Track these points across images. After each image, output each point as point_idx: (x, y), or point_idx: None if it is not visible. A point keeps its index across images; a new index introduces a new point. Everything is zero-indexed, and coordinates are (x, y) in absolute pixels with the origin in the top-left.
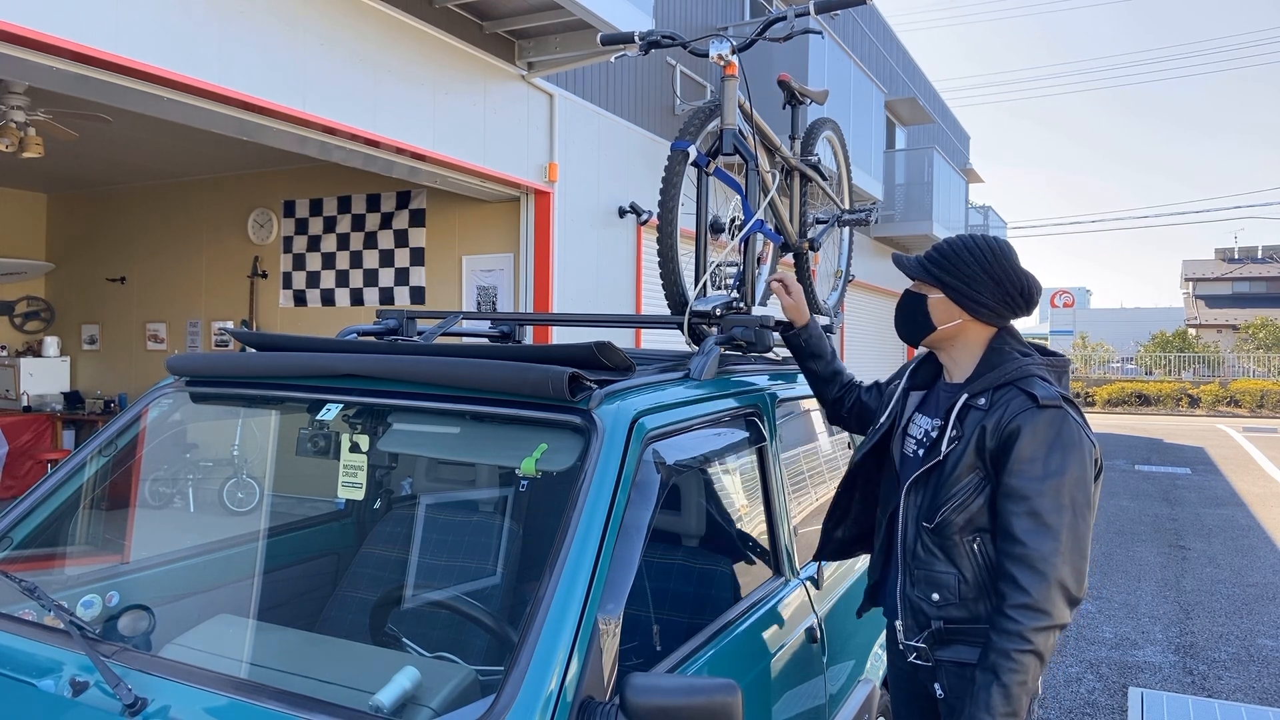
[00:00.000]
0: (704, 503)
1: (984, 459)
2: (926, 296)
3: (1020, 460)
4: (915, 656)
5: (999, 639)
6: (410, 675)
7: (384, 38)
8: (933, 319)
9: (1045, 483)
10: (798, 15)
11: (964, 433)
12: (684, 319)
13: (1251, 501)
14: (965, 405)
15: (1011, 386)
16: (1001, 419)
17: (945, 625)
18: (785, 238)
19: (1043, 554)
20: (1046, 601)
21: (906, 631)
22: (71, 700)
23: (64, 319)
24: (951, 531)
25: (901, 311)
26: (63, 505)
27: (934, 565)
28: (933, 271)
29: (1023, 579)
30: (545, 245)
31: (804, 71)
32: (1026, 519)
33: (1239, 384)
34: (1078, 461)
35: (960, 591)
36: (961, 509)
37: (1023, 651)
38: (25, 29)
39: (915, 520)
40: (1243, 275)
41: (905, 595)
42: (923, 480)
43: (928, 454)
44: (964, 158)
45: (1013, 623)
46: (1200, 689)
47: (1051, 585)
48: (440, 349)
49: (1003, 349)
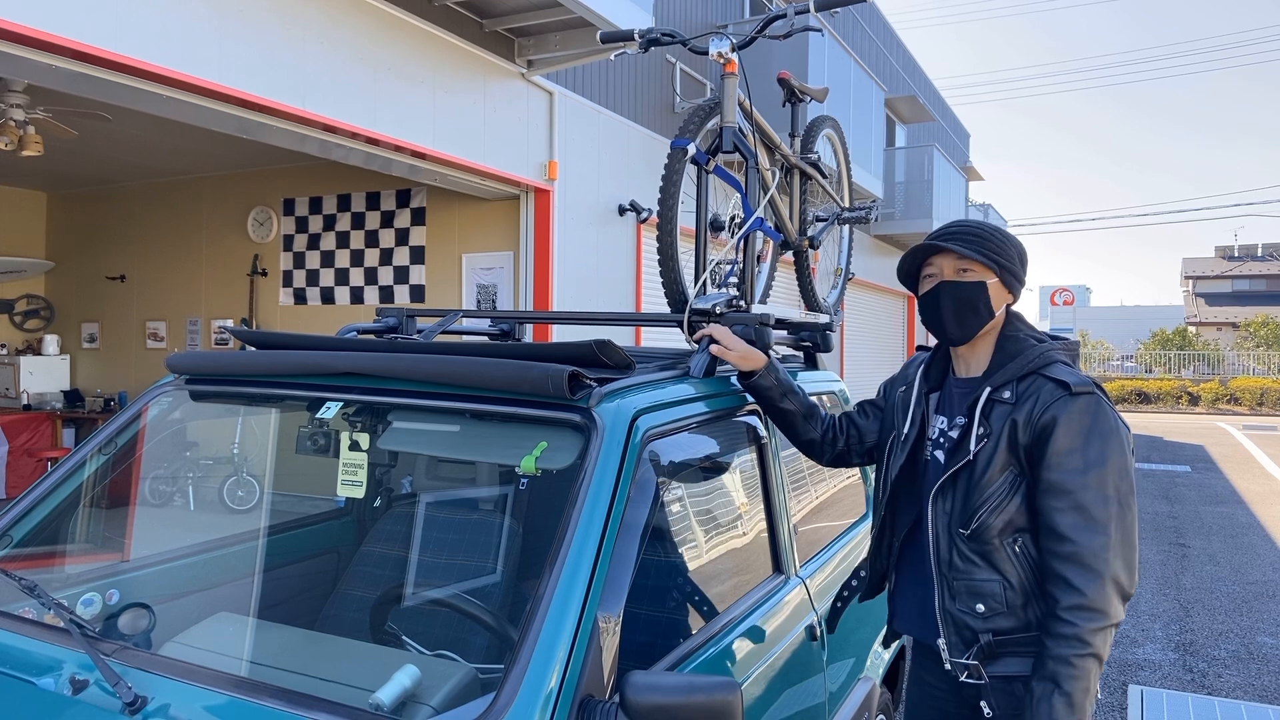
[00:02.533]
0: (704, 501)
1: (1017, 455)
2: (986, 283)
3: (1058, 453)
4: (967, 675)
5: (1055, 645)
6: (410, 673)
7: (384, 36)
8: (993, 308)
9: (1088, 474)
10: (798, 13)
11: (992, 429)
12: (684, 317)
13: (1251, 499)
14: (989, 400)
15: (1036, 375)
16: (1033, 411)
17: (995, 638)
18: (785, 235)
19: (1093, 550)
20: (1102, 600)
21: (952, 649)
22: (71, 698)
23: (64, 317)
24: (990, 535)
25: (958, 305)
26: (62, 503)
27: (974, 574)
28: (988, 253)
29: (1075, 579)
30: (545, 243)
31: (804, 69)
32: (1072, 514)
33: (1239, 382)
34: (1118, 449)
35: (1007, 599)
36: (998, 510)
37: (1082, 656)
38: (25, 27)
39: (947, 528)
40: (1243, 273)
41: (945, 610)
42: (950, 484)
43: (952, 456)
44: (964, 155)
45: (1069, 626)
46: (1200, 687)
47: (1106, 582)
48: (440, 347)
49: (1017, 335)
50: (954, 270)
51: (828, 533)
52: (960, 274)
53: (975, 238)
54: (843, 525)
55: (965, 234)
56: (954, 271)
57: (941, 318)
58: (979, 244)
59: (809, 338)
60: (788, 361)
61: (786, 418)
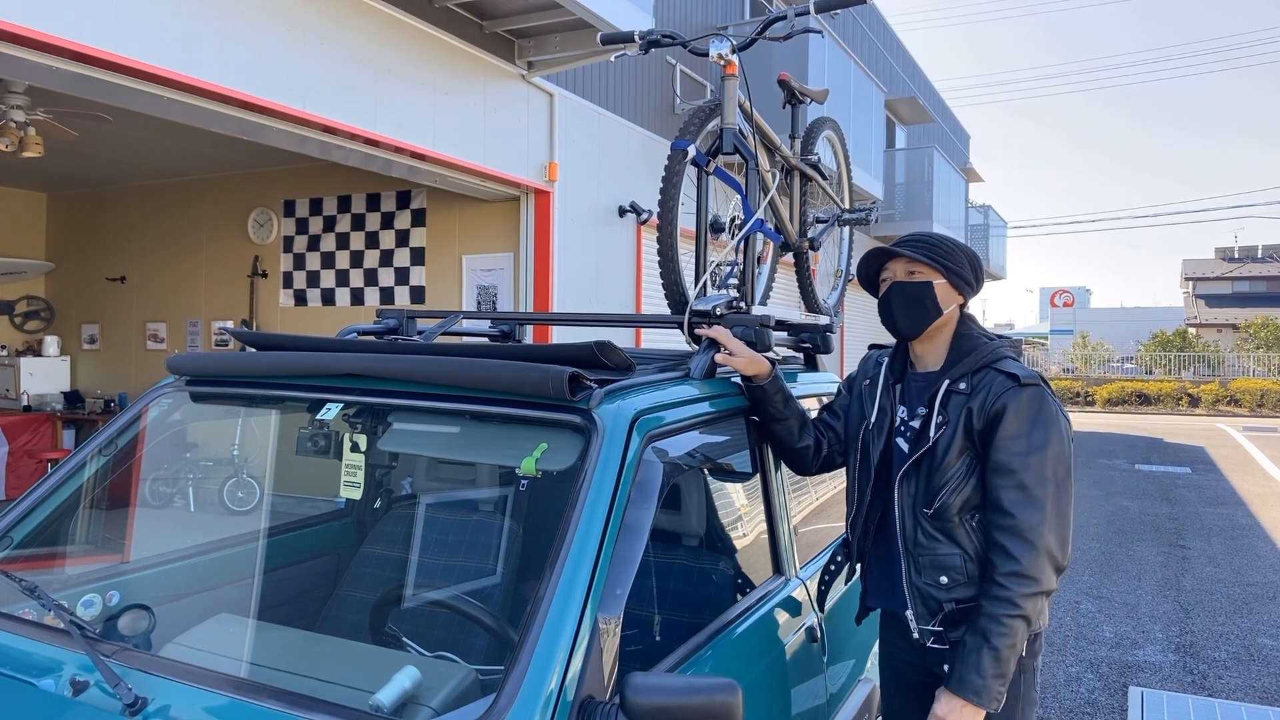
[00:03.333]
0: (704, 502)
1: (972, 440)
2: (932, 283)
3: (1006, 437)
4: (934, 641)
5: (990, 605)
6: (410, 675)
7: (384, 37)
8: (940, 305)
9: (1030, 457)
10: (798, 14)
11: (949, 418)
12: (684, 318)
13: (1251, 501)
14: (947, 391)
15: (989, 369)
16: (986, 400)
17: (957, 606)
18: (785, 237)
19: (1031, 524)
20: (1035, 569)
21: (919, 618)
22: (71, 700)
23: (64, 318)
24: (951, 514)
25: (906, 302)
26: (63, 505)
27: (938, 549)
28: (935, 257)
29: (1013, 548)
30: (545, 245)
31: (804, 71)
32: (1014, 491)
33: (1239, 383)
34: (1058, 435)
35: (967, 570)
36: (957, 490)
37: (1012, 616)
38: (25, 28)
39: (913, 510)
40: (1243, 274)
41: (912, 584)
42: (913, 469)
43: (915, 444)
44: (964, 157)
45: (1003, 589)
46: (1200, 688)
47: (1040, 553)
48: (440, 349)
49: (971, 333)
50: (904, 273)
51: (828, 534)
52: (909, 275)
53: (923, 244)
54: (842, 526)
55: (915, 241)
56: (905, 274)
57: (894, 314)
58: (926, 249)
59: (809, 339)
60: (788, 363)
61: (786, 425)
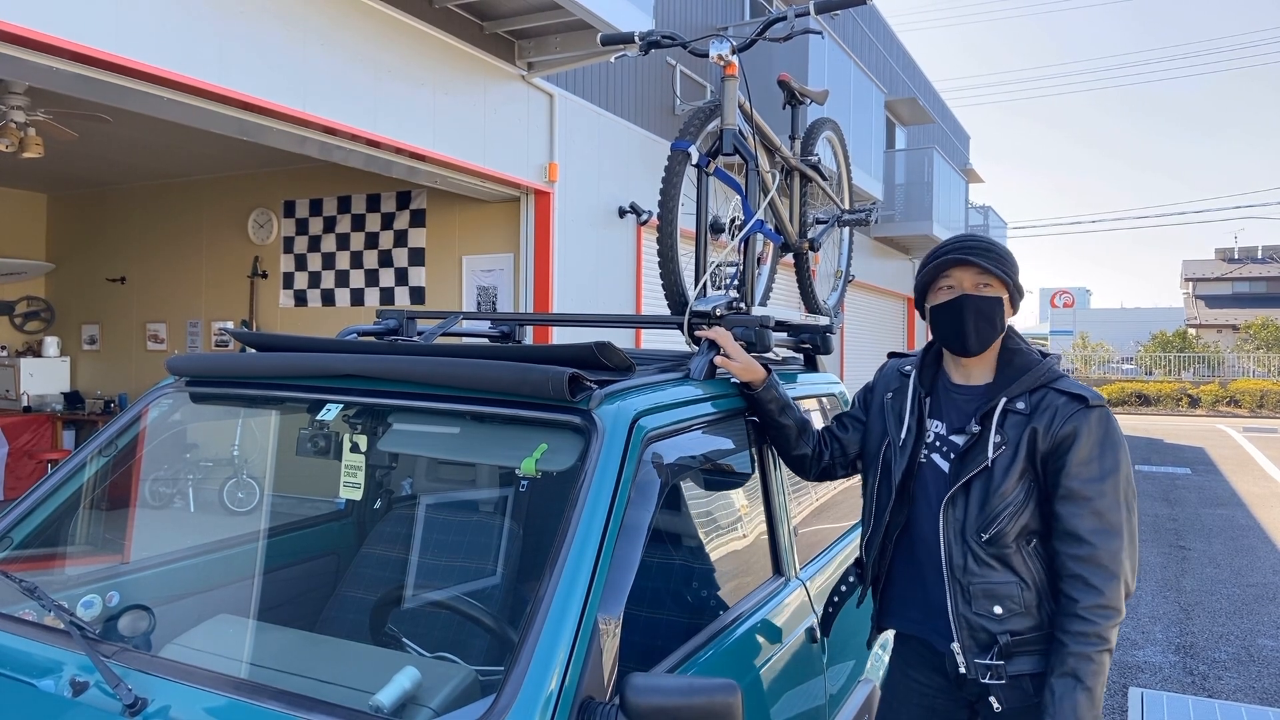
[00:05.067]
0: (704, 503)
1: (1034, 463)
2: (1001, 298)
3: (1078, 462)
4: (991, 676)
5: (1075, 643)
6: (410, 675)
7: (384, 38)
8: (1005, 321)
9: (1104, 483)
10: (798, 15)
11: (1008, 438)
12: (684, 319)
13: (1251, 501)
14: (1004, 410)
15: (1047, 389)
16: (1053, 422)
17: (1012, 639)
18: (785, 238)
19: (1111, 552)
20: (1117, 599)
21: (967, 651)
22: (71, 700)
23: (64, 319)
24: (1008, 540)
25: (979, 318)
26: (63, 505)
27: (991, 577)
28: (1005, 270)
29: (1094, 579)
30: (545, 245)
31: (804, 71)
32: (1091, 519)
33: (1239, 384)
34: (1125, 457)
35: (1024, 599)
36: (1016, 516)
37: (1100, 652)
38: (25, 29)
39: (960, 535)
40: (1243, 275)
41: (960, 615)
42: (961, 493)
43: (963, 463)
44: (964, 157)
45: (1090, 624)
46: (1200, 689)
47: (1119, 582)
48: (440, 349)
49: (1020, 348)
50: (974, 284)
51: (828, 535)
52: (980, 288)
53: (993, 254)
54: (842, 527)
55: (985, 249)
56: (974, 285)
57: (963, 329)
58: (998, 260)
59: (809, 340)
60: (788, 363)
61: (783, 432)
